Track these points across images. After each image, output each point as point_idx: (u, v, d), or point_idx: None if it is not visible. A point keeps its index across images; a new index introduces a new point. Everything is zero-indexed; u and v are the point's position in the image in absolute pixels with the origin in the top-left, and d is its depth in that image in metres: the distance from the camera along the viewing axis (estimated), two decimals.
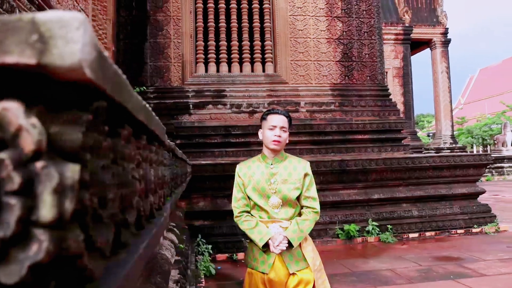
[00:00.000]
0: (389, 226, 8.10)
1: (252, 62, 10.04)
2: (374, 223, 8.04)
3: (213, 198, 7.46)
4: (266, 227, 3.11)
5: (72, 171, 0.58)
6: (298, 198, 3.19)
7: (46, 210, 0.54)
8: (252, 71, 9.95)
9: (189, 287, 3.74)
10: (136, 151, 1.05)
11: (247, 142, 8.96)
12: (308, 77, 9.99)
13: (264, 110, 9.15)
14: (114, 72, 0.70)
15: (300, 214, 3.22)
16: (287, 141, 3.25)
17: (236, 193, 3.31)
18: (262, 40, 10.10)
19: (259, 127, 9.44)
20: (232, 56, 9.92)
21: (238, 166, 3.35)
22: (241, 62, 10.00)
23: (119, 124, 0.90)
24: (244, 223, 3.17)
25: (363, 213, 8.27)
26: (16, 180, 0.52)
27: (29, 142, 0.54)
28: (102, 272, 0.70)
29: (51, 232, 0.55)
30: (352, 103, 9.92)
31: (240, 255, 6.99)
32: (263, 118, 3.29)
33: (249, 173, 3.24)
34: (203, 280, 5.41)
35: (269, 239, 3.02)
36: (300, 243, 3.09)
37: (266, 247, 3.07)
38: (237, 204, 3.28)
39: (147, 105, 1.06)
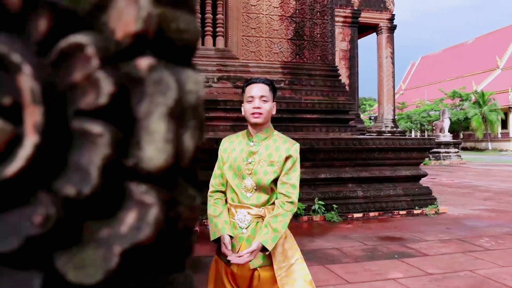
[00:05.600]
0: (334, 206, 8.18)
1: (202, 36, 9.79)
2: (320, 202, 8.09)
3: None
4: (234, 212, 2.75)
5: (195, 82, 0.35)
6: (276, 183, 2.75)
7: (155, 148, 0.31)
8: (203, 44, 9.72)
9: None
10: None
11: None
12: (259, 54, 9.86)
13: (214, 85, 9.01)
14: None
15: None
16: (273, 113, 2.85)
17: (215, 170, 2.91)
18: (214, 13, 9.86)
19: (208, 102, 9.16)
20: None
21: (222, 140, 2.95)
22: None
23: None
24: (211, 208, 2.80)
25: (310, 192, 8.31)
26: (106, 87, 0.29)
27: (130, 17, 0.30)
28: None
29: (159, 190, 0.32)
30: (302, 82, 9.88)
31: None
32: (242, 91, 2.87)
33: (229, 149, 2.85)
34: None
35: (222, 238, 2.65)
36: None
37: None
38: (213, 182, 2.89)
39: None
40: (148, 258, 0.34)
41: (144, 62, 0.31)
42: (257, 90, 2.75)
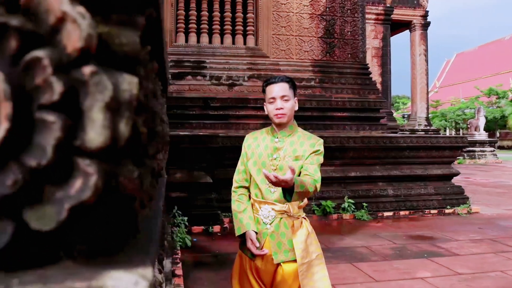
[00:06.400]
0: (364, 204, 8.15)
1: (233, 34, 9.87)
2: (350, 200, 8.08)
3: (190, 170, 7.36)
4: (258, 207, 2.82)
5: (130, 82, 0.46)
6: None
7: (95, 133, 0.43)
8: (233, 43, 9.79)
9: (166, 258, 3.68)
10: (160, 93, 0.96)
11: (225, 115, 8.85)
12: (289, 52, 9.89)
13: (244, 83, 9.06)
14: None
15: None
16: (296, 109, 2.89)
17: (239, 165, 2.99)
18: (245, 12, 9.92)
19: (238, 100, 9.25)
20: (213, 27, 9.73)
21: (246, 136, 3.02)
22: (222, 34, 9.81)
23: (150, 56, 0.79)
24: (235, 203, 2.89)
25: (340, 190, 8.29)
26: (57, 88, 0.41)
27: (75, 37, 0.42)
28: (142, 223, 0.59)
29: (100, 164, 0.43)
30: (332, 80, 9.86)
31: (216, 228, 6.96)
32: (263, 90, 2.92)
33: (253, 145, 2.92)
34: (179, 251, 5.37)
35: (247, 234, 2.75)
36: (293, 230, 2.76)
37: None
38: (237, 177, 2.97)
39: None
40: (95, 216, 0.47)
41: (87, 69, 0.43)
42: (278, 90, 2.79)
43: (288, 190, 2.47)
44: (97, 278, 0.44)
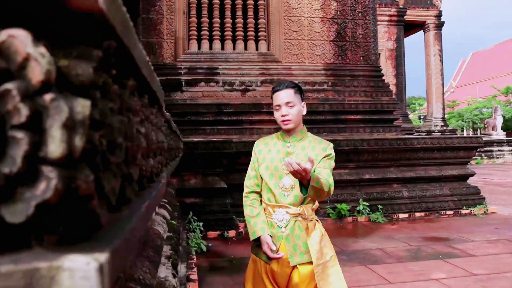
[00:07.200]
0: (379, 206, 8.14)
1: (245, 40, 9.94)
2: (365, 203, 8.08)
3: (204, 175, 7.42)
4: (272, 211, 2.86)
5: (83, 106, 0.57)
6: None
7: (55, 146, 0.54)
8: (245, 49, 9.85)
9: (180, 263, 3.73)
10: (140, 107, 1.04)
11: (239, 120, 8.91)
12: (301, 56, 9.92)
13: (257, 88, 9.11)
14: (123, 13, 0.71)
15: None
16: (304, 113, 2.93)
17: (249, 171, 3.03)
18: (256, 17, 9.98)
19: (252, 105, 9.28)
20: (226, 33, 9.81)
21: (256, 142, 3.08)
22: (234, 40, 9.89)
23: (124, 76, 0.89)
24: (247, 208, 2.94)
25: (354, 193, 8.30)
26: (24, 112, 0.52)
27: (37, 72, 0.53)
28: (108, 220, 0.69)
29: (60, 170, 0.54)
30: (345, 83, 9.88)
31: (231, 233, 7.00)
32: (271, 97, 2.97)
33: (264, 150, 2.97)
34: (194, 256, 5.42)
35: (263, 238, 2.79)
36: (308, 232, 2.81)
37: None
38: (248, 183, 3.01)
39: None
40: (58, 212, 0.58)
41: (47, 97, 0.54)
42: (283, 97, 2.84)
43: (304, 185, 2.55)
44: (57, 259, 0.55)
